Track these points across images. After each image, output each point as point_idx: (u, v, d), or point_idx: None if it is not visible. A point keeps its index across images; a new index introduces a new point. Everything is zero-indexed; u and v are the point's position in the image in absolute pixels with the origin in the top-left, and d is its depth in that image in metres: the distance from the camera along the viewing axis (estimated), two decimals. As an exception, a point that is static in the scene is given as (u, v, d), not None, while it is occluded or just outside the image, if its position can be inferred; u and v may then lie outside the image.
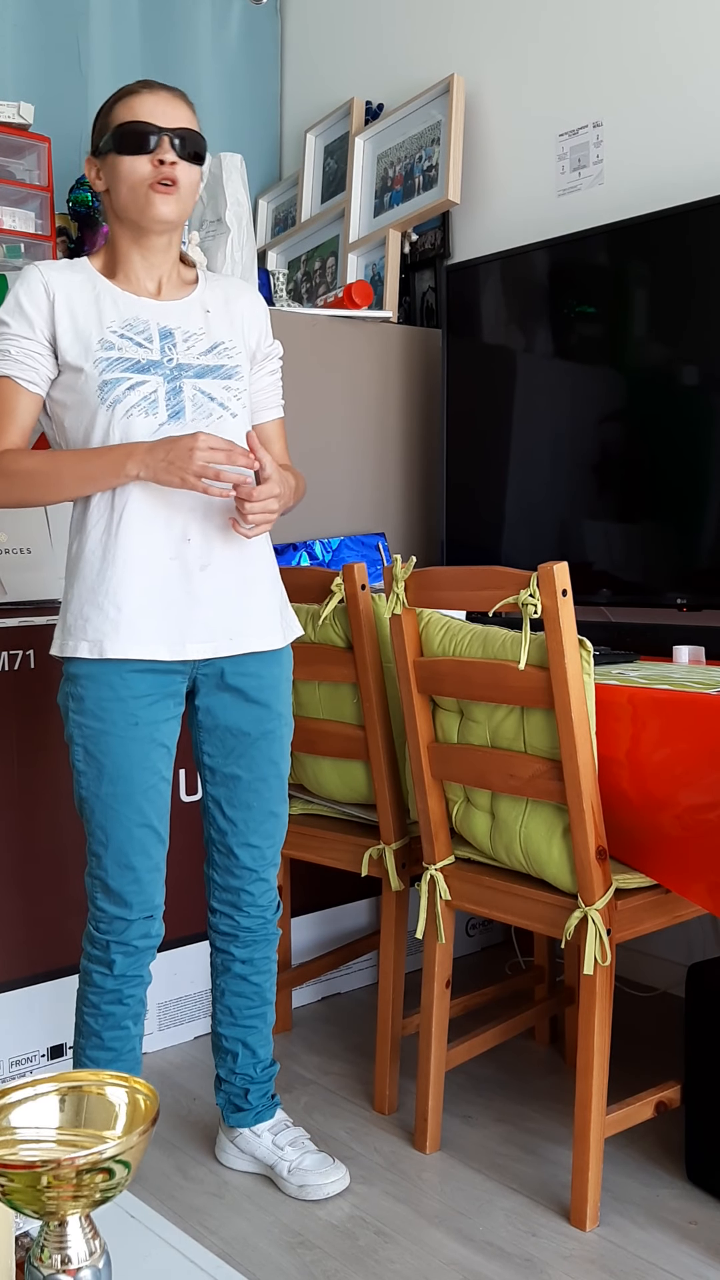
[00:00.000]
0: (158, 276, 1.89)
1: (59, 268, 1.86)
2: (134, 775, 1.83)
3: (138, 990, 1.92)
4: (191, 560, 1.83)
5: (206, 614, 1.84)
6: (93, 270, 1.87)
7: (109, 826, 1.84)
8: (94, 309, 1.83)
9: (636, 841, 1.92)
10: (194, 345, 1.86)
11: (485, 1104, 2.31)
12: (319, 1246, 1.86)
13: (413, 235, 3.23)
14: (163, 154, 1.78)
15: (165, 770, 1.87)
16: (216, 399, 1.86)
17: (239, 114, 3.64)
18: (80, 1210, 0.85)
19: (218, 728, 1.92)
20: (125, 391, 1.79)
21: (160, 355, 1.83)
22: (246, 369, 1.92)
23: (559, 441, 2.60)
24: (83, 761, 1.84)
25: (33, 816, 2.36)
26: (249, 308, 1.97)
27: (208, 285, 1.95)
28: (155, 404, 1.81)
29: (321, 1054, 2.53)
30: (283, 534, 2.77)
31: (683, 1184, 2.02)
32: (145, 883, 1.87)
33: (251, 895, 1.98)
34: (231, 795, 1.94)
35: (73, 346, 1.80)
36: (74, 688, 1.83)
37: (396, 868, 2.26)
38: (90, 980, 1.91)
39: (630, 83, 2.76)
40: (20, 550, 2.41)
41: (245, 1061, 2.04)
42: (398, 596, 2.05)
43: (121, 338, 1.82)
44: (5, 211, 2.71)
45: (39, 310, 1.81)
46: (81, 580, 1.83)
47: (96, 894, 1.88)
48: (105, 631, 1.80)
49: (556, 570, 1.78)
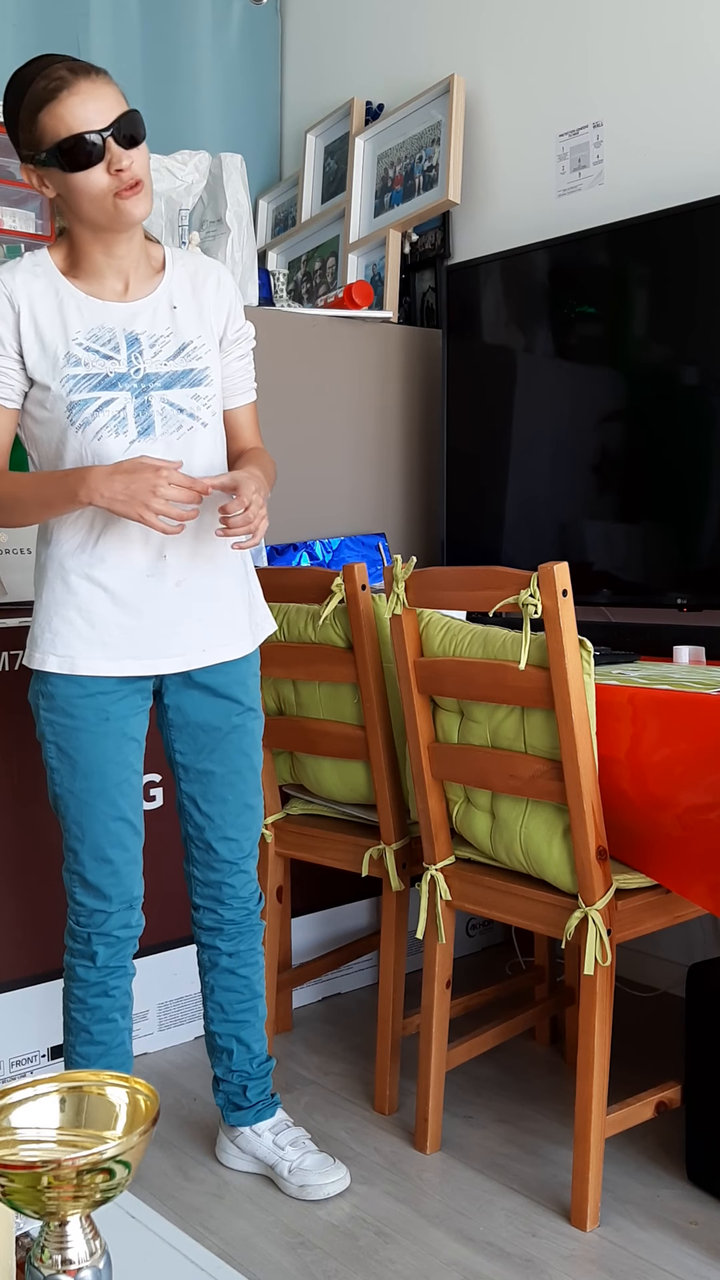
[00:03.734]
0: (124, 274, 1.82)
1: (20, 273, 1.79)
2: (106, 770, 1.84)
3: (122, 982, 1.93)
4: (166, 577, 1.83)
5: (180, 631, 1.85)
6: (54, 271, 1.81)
7: (84, 821, 1.85)
8: (58, 319, 1.78)
9: (637, 841, 1.92)
10: (161, 350, 1.82)
11: (485, 1104, 2.31)
12: (319, 1246, 1.86)
13: (413, 235, 3.23)
14: (116, 161, 1.68)
15: (137, 764, 1.89)
16: (185, 410, 1.82)
17: (239, 114, 3.64)
18: (80, 1210, 0.85)
19: (188, 725, 1.93)
20: (94, 413, 1.77)
21: (127, 366, 1.79)
22: (216, 368, 1.88)
23: (559, 441, 2.60)
24: (55, 758, 1.85)
25: (33, 816, 2.36)
26: (214, 292, 1.89)
27: (175, 270, 1.87)
28: (124, 422, 1.78)
29: (322, 1054, 2.53)
30: (283, 534, 2.77)
31: (683, 1184, 2.01)
32: (123, 875, 1.88)
33: (233, 888, 1.99)
34: (206, 790, 1.95)
35: (40, 363, 1.77)
36: (44, 685, 1.84)
37: (397, 868, 2.26)
38: (74, 975, 1.92)
39: (630, 83, 2.76)
40: (20, 550, 2.41)
41: (240, 1058, 2.05)
42: (398, 596, 2.05)
43: (87, 350, 1.78)
44: (5, 211, 2.71)
45: (6, 324, 1.77)
46: (51, 591, 1.83)
47: (75, 888, 1.89)
48: (76, 648, 1.81)
49: (557, 570, 1.78)
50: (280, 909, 2.55)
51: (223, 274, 1.92)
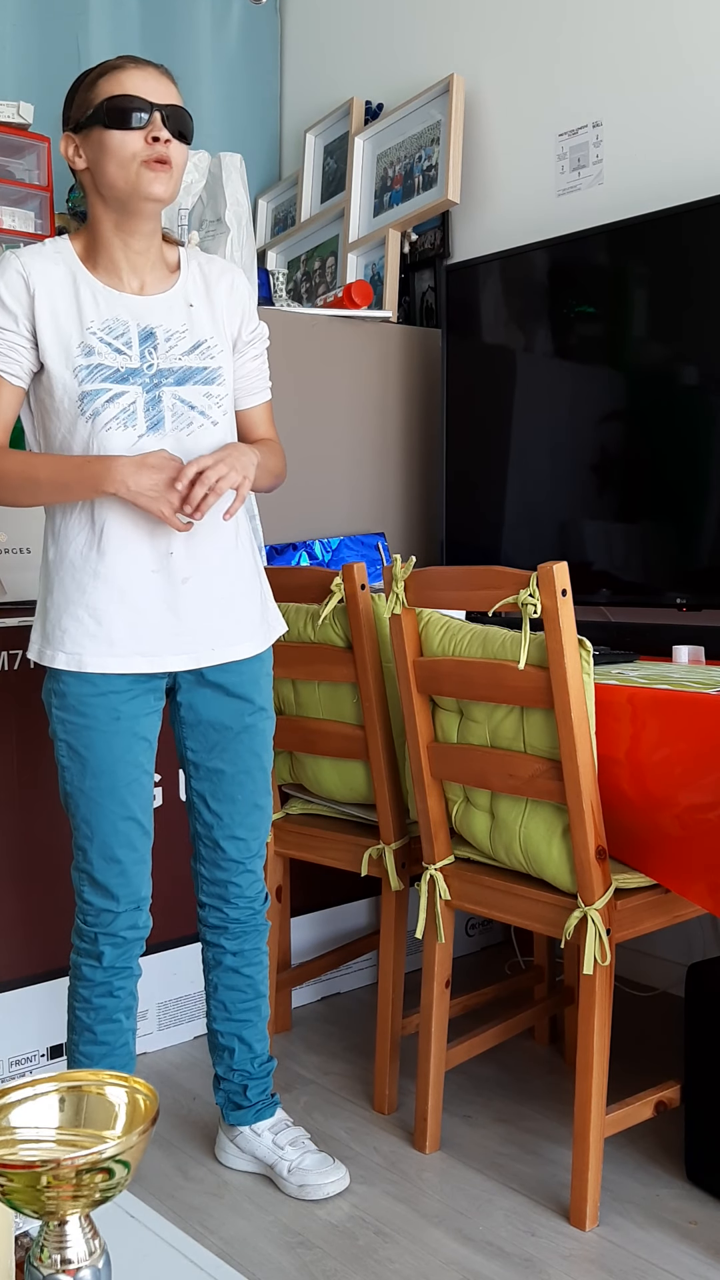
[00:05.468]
0: (141, 269, 1.83)
1: (39, 257, 1.80)
2: (116, 769, 1.84)
3: (127, 983, 1.93)
4: (174, 574, 1.82)
5: (188, 628, 1.85)
6: (74, 258, 1.82)
7: (93, 820, 1.85)
8: (74, 306, 1.79)
9: (636, 841, 1.92)
10: (175, 345, 1.83)
11: (485, 1104, 2.31)
12: (319, 1246, 1.86)
13: (412, 235, 3.23)
14: (155, 130, 1.72)
15: (148, 764, 1.89)
16: (197, 407, 1.83)
17: (239, 114, 3.64)
18: (80, 1210, 0.85)
19: (200, 723, 1.93)
20: (104, 404, 1.77)
21: (140, 361, 1.79)
22: (229, 368, 1.89)
23: (559, 441, 2.60)
24: (66, 757, 1.85)
25: (33, 816, 2.36)
26: (227, 295, 1.90)
27: (190, 270, 1.89)
28: (134, 416, 1.78)
29: (321, 1054, 2.53)
30: (283, 534, 2.77)
31: (682, 1184, 2.02)
32: (131, 875, 1.88)
33: (239, 887, 1.99)
34: (215, 789, 1.95)
35: (52, 347, 1.77)
36: (56, 684, 1.84)
37: (396, 867, 2.26)
38: (80, 974, 1.92)
39: (629, 83, 2.76)
40: (20, 550, 2.41)
41: (242, 1057, 2.05)
42: (397, 596, 2.05)
43: (101, 341, 1.78)
44: (5, 211, 2.71)
45: (19, 302, 1.77)
46: (60, 588, 1.83)
47: (83, 887, 1.89)
48: (84, 645, 1.81)
49: (556, 570, 1.78)
50: (280, 908, 2.55)
51: (237, 276, 1.93)
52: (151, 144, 1.73)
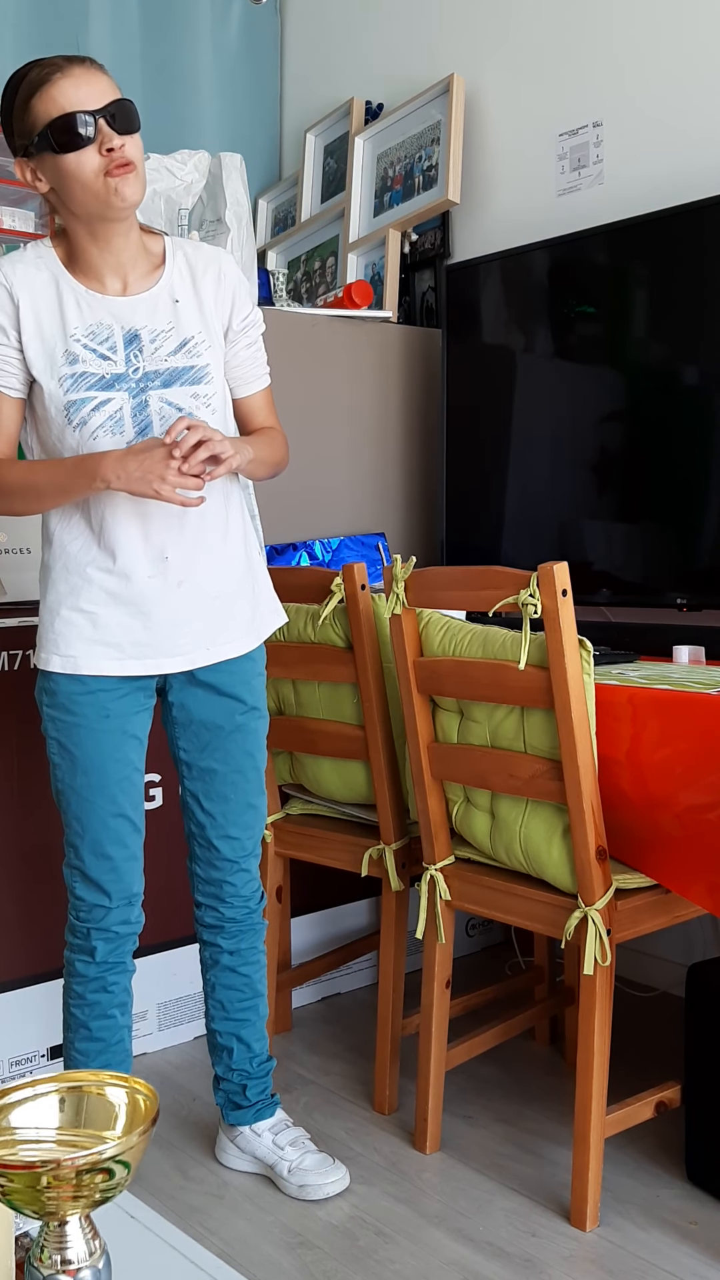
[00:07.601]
0: (122, 270, 1.81)
1: (22, 264, 1.78)
2: (107, 767, 1.85)
3: (121, 978, 1.93)
4: (169, 577, 1.83)
5: (183, 630, 1.85)
6: (56, 262, 1.80)
7: (84, 817, 1.86)
8: (57, 314, 1.78)
9: (636, 841, 1.92)
10: (161, 346, 1.81)
11: (485, 1104, 2.31)
12: (319, 1247, 1.86)
13: (412, 235, 3.23)
14: (108, 141, 1.67)
15: (138, 761, 1.90)
16: (184, 409, 1.81)
17: (239, 114, 3.64)
18: (80, 1210, 0.85)
19: (191, 722, 1.93)
20: (91, 412, 1.77)
21: (125, 366, 1.78)
22: (218, 364, 1.86)
23: (559, 441, 2.60)
24: (57, 754, 1.86)
25: (33, 816, 2.36)
26: (214, 285, 1.86)
27: (176, 262, 1.86)
28: (120, 423, 1.78)
29: (321, 1054, 2.53)
30: (283, 534, 2.77)
31: (683, 1184, 2.01)
32: (123, 871, 1.89)
33: (234, 886, 1.99)
34: (208, 789, 1.95)
35: (38, 358, 1.77)
36: (47, 682, 1.86)
37: (396, 868, 2.25)
38: (74, 970, 1.92)
39: (629, 83, 2.76)
40: (20, 550, 2.41)
41: (241, 1056, 2.05)
42: (397, 596, 2.05)
43: (85, 348, 1.77)
44: (5, 211, 2.71)
45: (6, 315, 1.76)
46: (55, 591, 1.83)
47: (75, 883, 1.90)
48: (79, 649, 1.82)
49: (556, 570, 1.78)
50: (280, 909, 2.55)
51: (224, 264, 1.89)
52: (107, 155, 1.69)
